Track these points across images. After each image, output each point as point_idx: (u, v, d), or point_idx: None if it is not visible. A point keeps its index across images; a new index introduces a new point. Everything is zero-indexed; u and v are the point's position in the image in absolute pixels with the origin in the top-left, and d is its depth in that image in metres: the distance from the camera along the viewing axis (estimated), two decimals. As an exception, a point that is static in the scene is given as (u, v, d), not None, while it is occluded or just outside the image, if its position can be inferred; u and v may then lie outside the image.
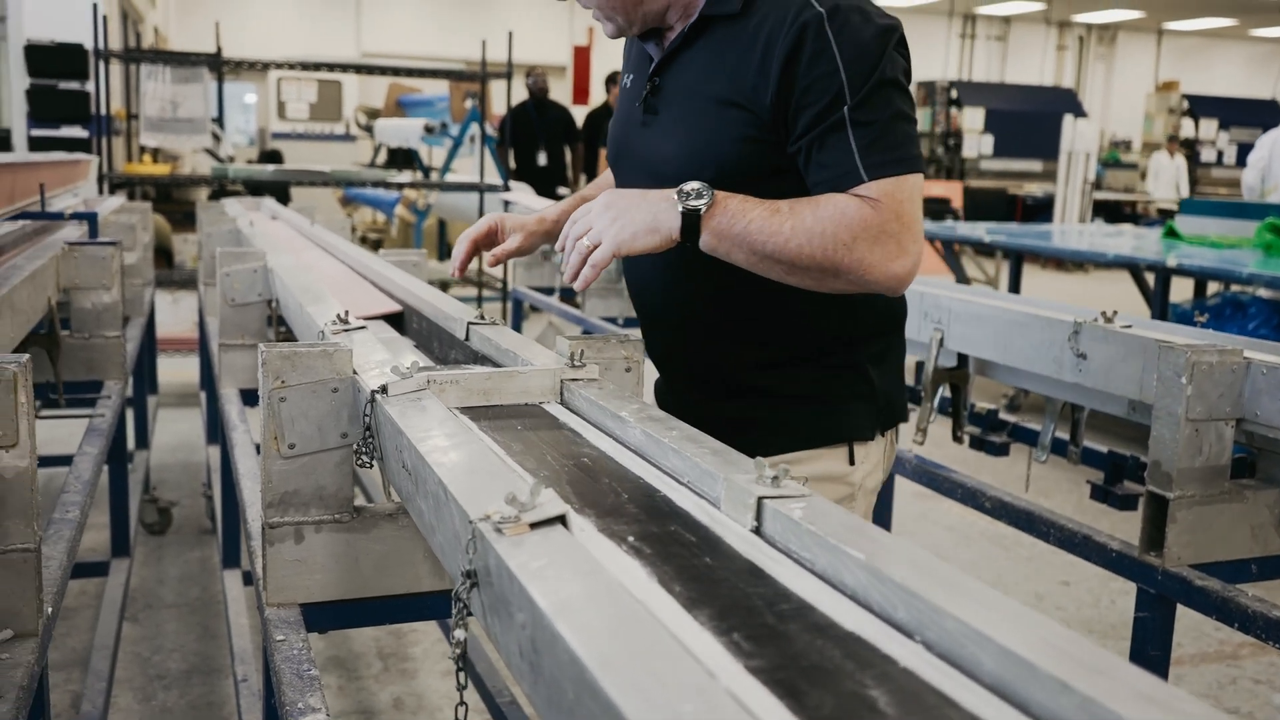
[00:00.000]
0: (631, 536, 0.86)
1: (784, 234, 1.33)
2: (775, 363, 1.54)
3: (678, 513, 0.93)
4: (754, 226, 1.34)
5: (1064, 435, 2.32)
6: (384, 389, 1.21)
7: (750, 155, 1.43)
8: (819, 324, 1.52)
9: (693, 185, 1.35)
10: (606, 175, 1.85)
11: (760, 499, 0.87)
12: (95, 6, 5.87)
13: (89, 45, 6.44)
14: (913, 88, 1.50)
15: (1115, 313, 1.98)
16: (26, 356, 1.25)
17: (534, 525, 0.80)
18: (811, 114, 1.37)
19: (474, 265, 7.60)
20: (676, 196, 1.35)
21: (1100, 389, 1.96)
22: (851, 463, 1.56)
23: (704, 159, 1.45)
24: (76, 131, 6.82)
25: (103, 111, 6.09)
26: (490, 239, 1.71)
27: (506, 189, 6.65)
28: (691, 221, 1.34)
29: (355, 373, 1.29)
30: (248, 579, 3.02)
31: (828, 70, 1.36)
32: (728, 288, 1.49)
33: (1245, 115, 16.51)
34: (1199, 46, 21.33)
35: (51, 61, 6.76)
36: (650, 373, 1.59)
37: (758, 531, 0.87)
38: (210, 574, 3.60)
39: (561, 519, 0.81)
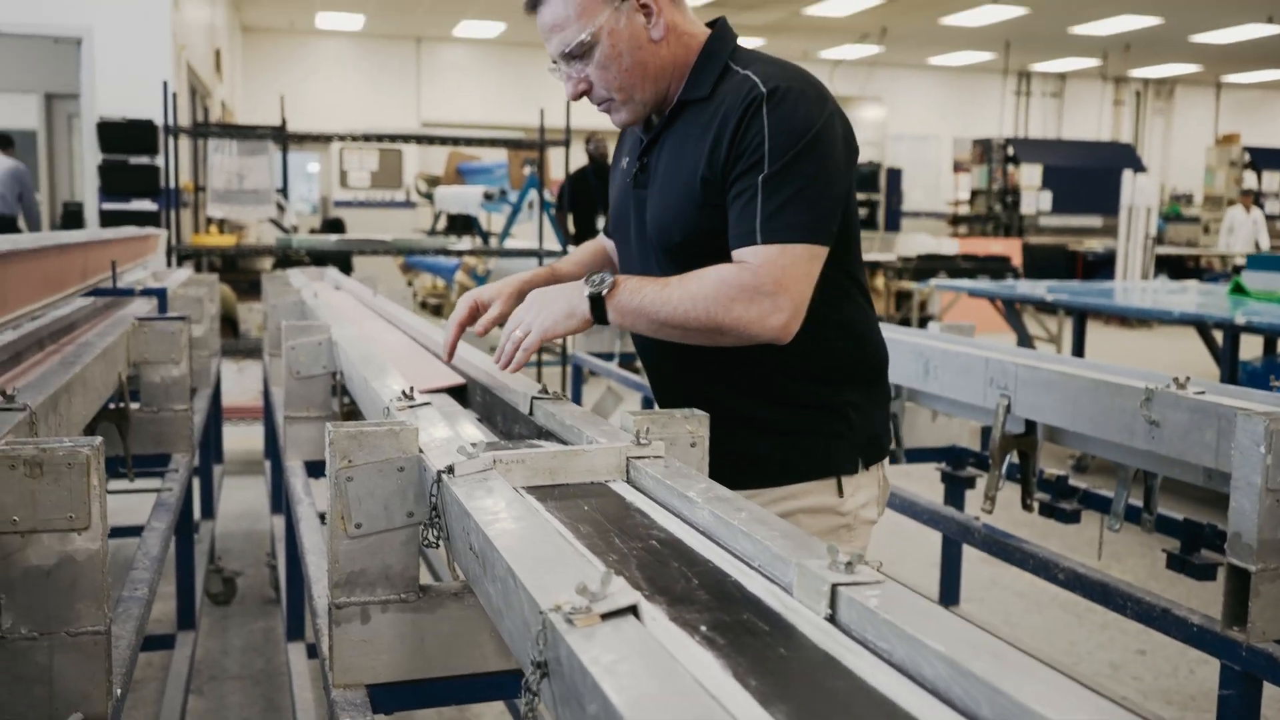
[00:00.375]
0: (704, 626, 0.85)
1: (672, 303, 1.55)
2: (762, 403, 1.72)
3: (750, 599, 0.91)
4: (647, 300, 1.56)
5: (1136, 501, 2.26)
6: (450, 469, 1.21)
7: (710, 219, 1.63)
8: (799, 369, 1.69)
9: (599, 274, 1.59)
10: (576, 252, 2.09)
11: (834, 585, 0.85)
12: (165, 84, 6.06)
13: (159, 121, 6.65)
14: (968, 145, 1.65)
15: (1188, 378, 1.94)
16: (100, 440, 1.27)
17: (605, 616, 0.79)
18: (734, 178, 1.59)
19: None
20: (584, 283, 1.59)
21: (1174, 457, 1.92)
22: (840, 494, 1.73)
23: (675, 225, 1.67)
24: (146, 205, 7.02)
25: (172, 185, 6.25)
26: (474, 316, 1.82)
27: (566, 254, 6.72)
28: (597, 303, 1.58)
29: (421, 451, 1.30)
30: (312, 652, 3.03)
31: (756, 141, 1.57)
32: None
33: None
34: (1258, 99, 21.09)
35: (123, 137, 6.98)
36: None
37: (832, 620, 0.85)
38: (274, 645, 3.62)
39: (633, 609, 0.80)
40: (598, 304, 1.57)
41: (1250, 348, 6.07)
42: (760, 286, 1.52)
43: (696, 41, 1.71)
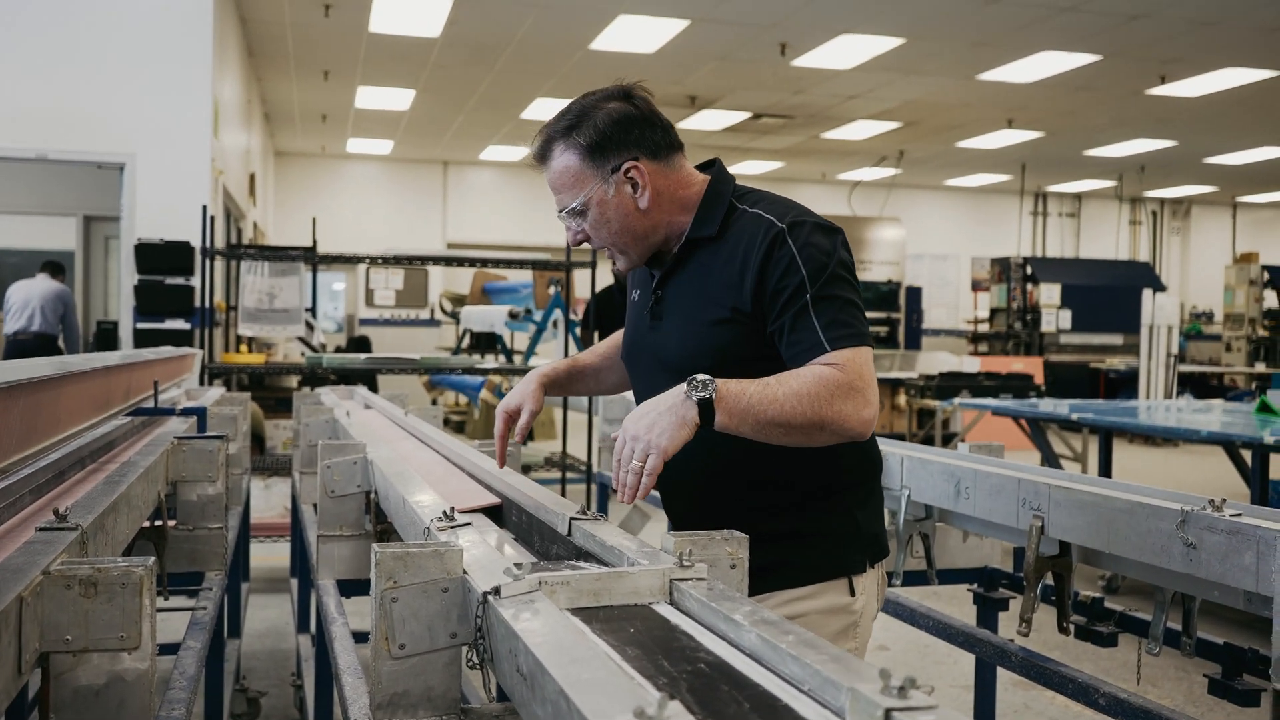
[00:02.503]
0: (758, 750, 0.85)
1: (779, 401, 1.64)
2: (773, 508, 1.82)
3: (801, 724, 0.91)
4: (754, 401, 1.65)
5: (1173, 624, 2.24)
6: (497, 590, 1.22)
7: (736, 344, 1.79)
8: (806, 474, 1.81)
9: (700, 377, 1.65)
10: (598, 346, 2.22)
11: (889, 711, 0.86)
12: (204, 209, 6.23)
13: (195, 243, 6.81)
14: (986, 264, 1.82)
15: (1224, 500, 1.94)
16: (152, 559, 1.30)
17: (662, 740, 0.79)
18: (781, 302, 1.73)
19: (555, 449, 7.70)
20: (687, 390, 1.65)
21: (1213, 579, 1.90)
22: (852, 594, 1.83)
23: (702, 351, 1.81)
24: (179, 324, 7.14)
25: (206, 304, 6.38)
26: (509, 424, 2.01)
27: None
28: (706, 408, 1.64)
29: (465, 572, 1.31)
30: (336, 774, 2.98)
31: (791, 268, 1.73)
32: (726, 450, 1.78)
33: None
34: (1274, 218, 21.28)
35: (160, 259, 7.14)
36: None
37: (886, 745, 0.85)
38: (296, 766, 3.56)
39: (689, 733, 0.81)
40: (706, 408, 1.64)
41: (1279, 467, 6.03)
42: (852, 383, 1.66)
43: (695, 190, 1.88)
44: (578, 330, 8.16)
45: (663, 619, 1.23)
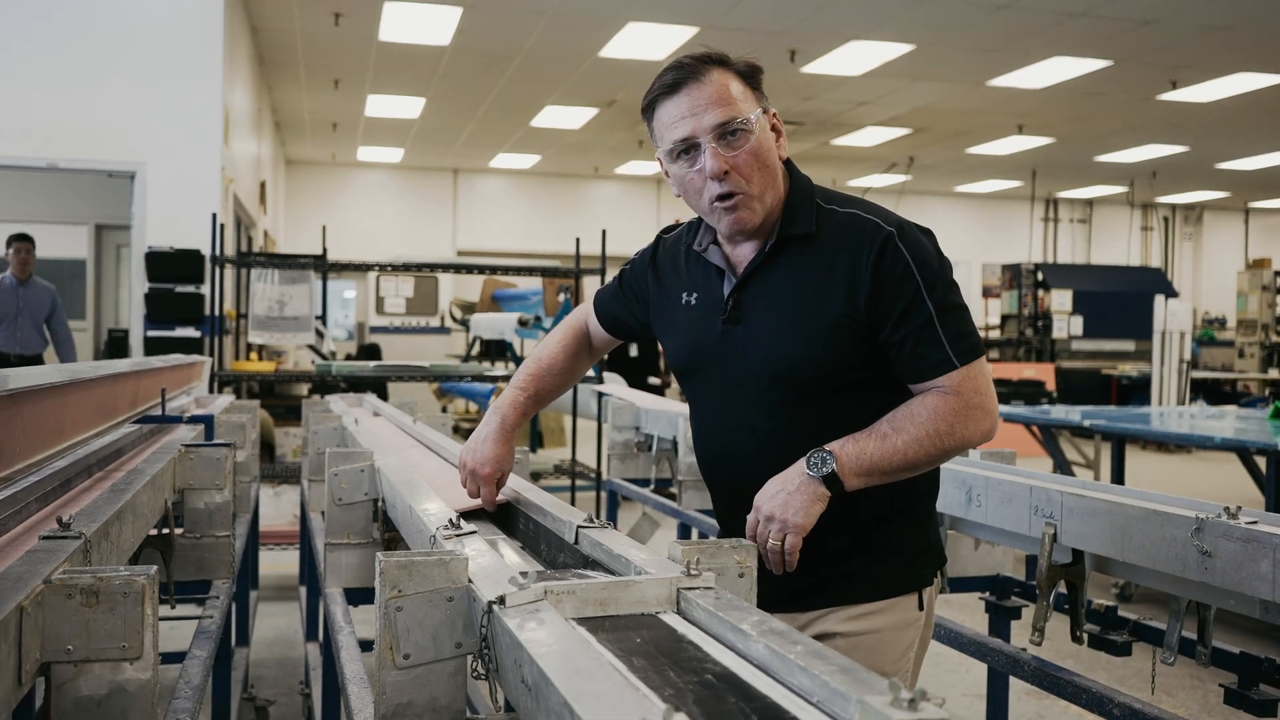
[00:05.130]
0: (765, 764, 0.84)
1: (900, 451, 1.64)
2: (848, 522, 1.73)
3: (810, 736, 0.90)
4: (876, 458, 1.64)
5: (1187, 632, 2.21)
6: (502, 599, 1.21)
7: (842, 351, 1.71)
8: (884, 491, 1.73)
9: (817, 455, 1.64)
10: (545, 353, 2.08)
11: (897, 723, 0.84)
12: (214, 216, 6.24)
13: (206, 251, 6.82)
14: (997, 270, 1.87)
15: (1239, 508, 1.92)
16: (155, 569, 1.28)
17: (668, 753, 0.78)
18: (898, 312, 1.67)
19: (564, 456, 7.66)
20: (807, 468, 1.65)
21: (1229, 588, 1.88)
22: (921, 607, 1.80)
23: (802, 359, 1.71)
24: (189, 331, 7.15)
25: (216, 313, 6.38)
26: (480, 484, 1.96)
27: (600, 380, 6.76)
28: (831, 480, 1.64)
29: (471, 581, 1.30)
30: (344, 783, 2.96)
31: (906, 276, 1.67)
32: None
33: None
34: (1290, 222, 21.19)
35: (170, 267, 7.15)
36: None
37: (896, 758, 0.84)
38: (304, 775, 3.55)
39: (695, 746, 0.79)
40: (831, 481, 1.64)
41: (1294, 474, 5.97)
42: (969, 403, 1.66)
43: (783, 181, 1.78)
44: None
45: (670, 629, 1.22)
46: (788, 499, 1.65)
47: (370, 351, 12.60)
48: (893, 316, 1.67)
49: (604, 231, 6.90)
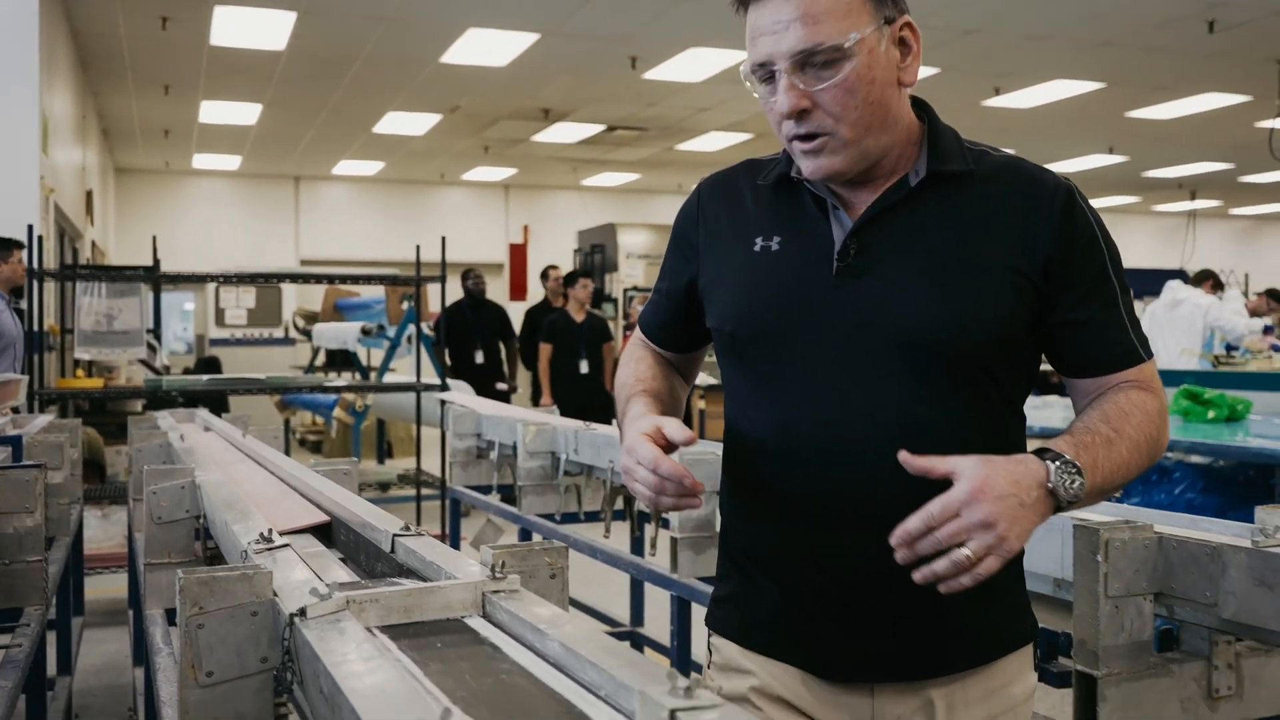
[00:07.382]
0: (545, 757, 0.86)
1: (1127, 463, 1.35)
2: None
3: (593, 728, 0.93)
4: (1108, 470, 1.33)
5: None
6: (303, 612, 1.20)
7: (1017, 316, 1.40)
8: None
9: (1060, 466, 1.28)
10: (645, 371, 1.63)
11: (673, 711, 0.88)
12: (30, 228, 5.96)
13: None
14: None
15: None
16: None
17: (444, 753, 0.80)
18: (1085, 286, 1.40)
19: (411, 465, 7.58)
20: (1051, 481, 1.28)
21: (1029, 569, 1.99)
22: (1035, 667, 1.52)
23: (969, 322, 1.37)
24: (8, 350, 6.80)
25: (35, 329, 6.10)
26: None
27: (445, 388, 6.71)
28: (1069, 504, 1.30)
29: (275, 594, 1.29)
30: (174, 810, 2.88)
31: (1094, 246, 1.41)
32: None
33: (1154, 285, 17.21)
34: (1113, 221, 22.34)
35: (-15, 281, 6.79)
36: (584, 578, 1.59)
37: (672, 744, 0.87)
38: (135, 806, 3.43)
39: (472, 744, 0.81)
40: (1069, 504, 1.31)
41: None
42: (1163, 405, 1.42)
43: (912, 113, 1.45)
44: (432, 345, 8.08)
45: (473, 632, 1.23)
46: (1020, 512, 1.25)
47: (210, 365, 12.19)
48: (1079, 289, 1.39)
49: (444, 239, 6.84)
